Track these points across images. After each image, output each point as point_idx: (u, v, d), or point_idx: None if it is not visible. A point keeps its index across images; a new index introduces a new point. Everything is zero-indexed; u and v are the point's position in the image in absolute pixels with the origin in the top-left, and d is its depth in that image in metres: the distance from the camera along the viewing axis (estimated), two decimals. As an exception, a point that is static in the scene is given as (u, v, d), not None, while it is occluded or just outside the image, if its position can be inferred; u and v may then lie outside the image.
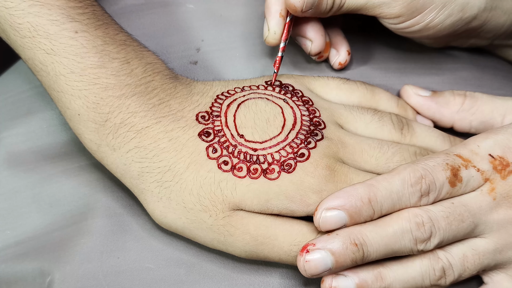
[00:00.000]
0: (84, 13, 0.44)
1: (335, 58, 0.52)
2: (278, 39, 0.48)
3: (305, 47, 0.50)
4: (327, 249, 0.40)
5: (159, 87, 0.44)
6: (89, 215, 0.47)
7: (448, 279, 0.42)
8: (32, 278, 0.46)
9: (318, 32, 0.49)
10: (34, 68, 0.44)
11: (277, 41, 0.48)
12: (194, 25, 0.54)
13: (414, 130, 0.48)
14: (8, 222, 0.48)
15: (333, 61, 0.52)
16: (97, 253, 0.46)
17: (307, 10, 0.46)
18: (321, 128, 0.45)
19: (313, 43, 0.49)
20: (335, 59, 0.52)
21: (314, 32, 0.49)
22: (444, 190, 0.42)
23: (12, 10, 0.42)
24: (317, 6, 0.46)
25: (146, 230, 0.46)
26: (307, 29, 0.49)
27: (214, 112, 0.44)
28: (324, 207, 0.41)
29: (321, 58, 0.52)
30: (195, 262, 0.45)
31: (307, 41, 0.50)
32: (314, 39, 0.49)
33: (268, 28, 0.48)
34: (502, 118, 0.49)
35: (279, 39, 0.48)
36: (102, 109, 0.43)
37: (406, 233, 0.41)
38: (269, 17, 0.48)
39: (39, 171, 0.49)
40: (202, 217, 0.42)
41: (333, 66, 0.52)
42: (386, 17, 0.48)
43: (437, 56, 0.55)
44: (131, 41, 0.45)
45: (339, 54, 0.52)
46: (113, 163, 0.43)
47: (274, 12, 0.48)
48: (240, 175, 0.42)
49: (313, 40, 0.49)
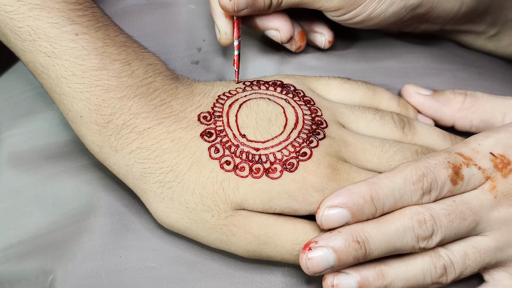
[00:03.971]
0: (84, 15, 0.44)
1: (322, 38, 0.52)
2: (230, 38, 0.49)
3: (275, 38, 0.50)
4: (329, 246, 0.40)
5: (161, 88, 0.44)
6: (91, 213, 0.47)
7: (450, 277, 0.43)
8: (35, 277, 0.46)
9: (281, 19, 0.49)
10: (35, 71, 0.44)
11: (229, 40, 0.49)
12: (196, 25, 0.54)
13: (415, 129, 0.48)
14: (10, 221, 0.48)
15: (323, 43, 0.52)
16: (99, 252, 0.46)
17: (242, 10, 0.46)
18: (323, 127, 0.45)
19: (280, 31, 0.49)
20: (322, 39, 0.52)
21: (278, 21, 0.49)
22: (446, 188, 0.42)
23: (12, 14, 0.42)
24: (252, 4, 0.46)
25: (148, 228, 0.46)
26: (270, 20, 0.49)
27: (216, 112, 0.44)
28: (327, 205, 0.41)
29: (299, 49, 0.52)
30: (197, 260, 0.45)
31: (274, 31, 0.49)
32: (280, 28, 0.49)
33: (218, 30, 0.49)
34: (503, 117, 0.50)
35: (231, 39, 0.48)
36: (104, 111, 0.43)
37: (408, 230, 0.41)
38: (216, 18, 0.48)
39: (41, 170, 0.49)
40: (204, 217, 0.42)
41: (324, 47, 0.52)
42: (327, 10, 0.48)
43: (437, 56, 0.55)
44: (132, 42, 0.45)
45: (323, 34, 0.52)
46: (115, 164, 0.44)
47: (219, 14, 0.48)
48: (242, 175, 0.42)
49: (280, 29, 0.49)
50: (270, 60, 0.52)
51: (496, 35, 0.56)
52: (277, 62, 0.52)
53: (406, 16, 0.49)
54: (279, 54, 0.53)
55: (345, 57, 0.53)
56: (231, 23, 0.48)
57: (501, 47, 0.57)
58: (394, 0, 0.47)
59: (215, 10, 0.48)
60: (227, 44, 0.49)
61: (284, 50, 0.53)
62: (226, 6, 0.46)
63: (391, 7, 0.48)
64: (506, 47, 0.57)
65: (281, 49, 0.53)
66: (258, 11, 0.48)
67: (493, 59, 0.57)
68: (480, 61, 0.56)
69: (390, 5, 0.47)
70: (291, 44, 0.51)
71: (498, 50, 0.57)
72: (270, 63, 0.52)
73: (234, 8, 0.46)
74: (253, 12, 0.47)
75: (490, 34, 0.56)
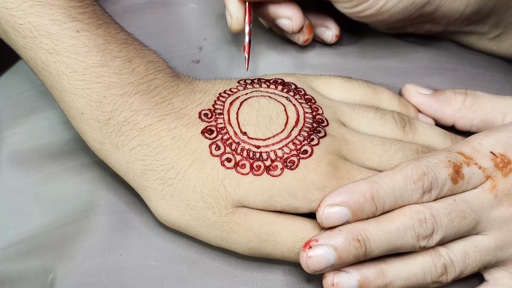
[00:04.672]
0: (85, 12, 0.44)
1: (329, 33, 0.52)
2: (242, 24, 0.48)
3: (286, 28, 0.50)
4: (330, 245, 0.40)
5: (162, 85, 0.44)
6: (91, 212, 0.47)
7: (450, 276, 0.43)
8: (35, 276, 0.46)
9: (294, 9, 0.49)
10: (36, 68, 0.44)
11: (241, 26, 0.48)
12: (196, 24, 0.54)
13: (416, 128, 0.48)
14: (11, 220, 0.48)
15: (330, 37, 0.52)
16: (100, 250, 0.46)
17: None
18: (324, 125, 0.45)
19: (293, 20, 0.49)
20: (330, 34, 0.52)
21: (290, 10, 0.49)
22: (446, 187, 0.42)
23: (13, 11, 0.43)
24: None
25: (149, 227, 0.46)
26: (282, 9, 0.49)
27: (216, 110, 0.45)
28: (327, 203, 0.41)
29: (307, 42, 0.52)
30: (198, 259, 0.45)
31: (286, 20, 0.49)
32: (292, 16, 0.49)
33: (230, 15, 0.48)
34: (503, 117, 0.50)
35: (243, 24, 0.48)
36: (105, 108, 0.43)
37: (409, 229, 0.41)
38: (229, 3, 0.48)
39: (42, 169, 0.49)
40: (205, 214, 0.42)
41: (331, 41, 0.52)
42: (340, 1, 0.48)
43: (437, 56, 0.56)
44: (132, 40, 0.46)
45: (331, 29, 0.52)
46: (116, 161, 0.44)
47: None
48: (243, 172, 0.42)
49: (292, 18, 0.49)
50: (271, 58, 0.53)
51: (498, 36, 0.56)
52: (278, 60, 0.53)
53: (414, 14, 0.49)
54: (280, 52, 0.53)
55: (346, 56, 0.54)
56: (243, 8, 0.48)
57: (503, 48, 0.57)
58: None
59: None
60: (238, 30, 0.48)
61: (285, 48, 0.53)
62: None
63: (401, 2, 0.48)
64: (508, 48, 0.57)
65: (282, 47, 0.53)
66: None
67: (493, 59, 0.57)
68: (480, 61, 0.57)
69: (400, 0, 0.48)
70: (300, 36, 0.51)
71: (500, 50, 0.57)
72: (271, 61, 0.52)
73: None
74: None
75: (493, 35, 0.56)
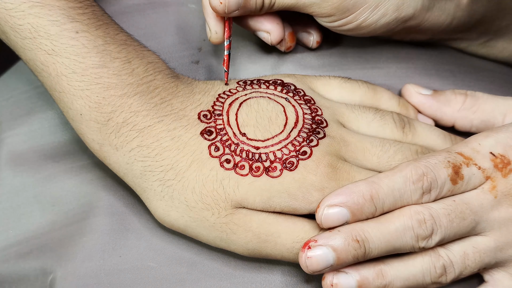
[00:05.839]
0: (84, 13, 0.44)
1: (311, 38, 0.52)
2: (220, 38, 0.48)
3: (265, 40, 0.50)
4: (329, 245, 0.40)
5: (161, 86, 0.44)
6: (91, 213, 0.47)
7: (449, 277, 0.43)
8: (34, 277, 0.46)
9: (273, 22, 0.49)
10: (35, 69, 0.44)
11: (220, 40, 0.48)
12: (196, 24, 0.54)
13: (415, 128, 0.48)
14: (10, 221, 0.48)
15: (311, 42, 0.52)
16: (99, 252, 0.46)
17: (233, 11, 0.46)
18: (323, 126, 0.45)
19: (271, 34, 0.49)
20: (311, 39, 0.52)
21: (269, 23, 0.49)
22: (446, 188, 0.42)
23: (12, 12, 0.43)
24: (244, 6, 0.46)
25: (148, 228, 0.46)
26: (261, 22, 0.49)
27: (216, 111, 0.45)
28: (326, 204, 0.41)
29: (289, 49, 0.52)
30: (197, 260, 0.45)
31: (265, 33, 0.49)
32: (271, 31, 0.49)
33: (209, 29, 0.48)
34: (503, 117, 0.50)
35: (222, 38, 0.48)
36: (104, 109, 0.43)
37: (408, 230, 0.41)
38: (208, 18, 0.48)
39: (41, 170, 0.49)
40: (204, 215, 0.42)
41: (312, 46, 0.52)
42: (319, 16, 0.48)
43: (437, 57, 0.55)
44: (132, 41, 0.45)
45: (312, 34, 0.52)
46: (115, 162, 0.44)
47: (210, 13, 0.48)
48: (242, 173, 0.42)
49: (271, 32, 0.49)
50: (270, 59, 0.53)
51: (488, 42, 0.56)
52: (277, 61, 0.53)
53: (397, 27, 0.49)
54: (279, 53, 0.53)
55: (346, 57, 0.53)
56: (222, 23, 0.48)
57: (494, 53, 0.57)
58: (386, 11, 0.47)
59: (206, 9, 0.48)
60: (218, 43, 0.48)
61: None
62: (217, 8, 0.46)
63: (383, 18, 0.47)
64: (499, 53, 0.57)
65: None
66: (249, 13, 0.47)
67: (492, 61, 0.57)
68: (480, 62, 0.57)
69: (382, 16, 0.47)
70: (281, 45, 0.51)
71: (491, 55, 0.57)
72: (270, 62, 0.52)
73: (225, 10, 0.46)
74: (245, 13, 0.47)
75: (482, 41, 0.56)
